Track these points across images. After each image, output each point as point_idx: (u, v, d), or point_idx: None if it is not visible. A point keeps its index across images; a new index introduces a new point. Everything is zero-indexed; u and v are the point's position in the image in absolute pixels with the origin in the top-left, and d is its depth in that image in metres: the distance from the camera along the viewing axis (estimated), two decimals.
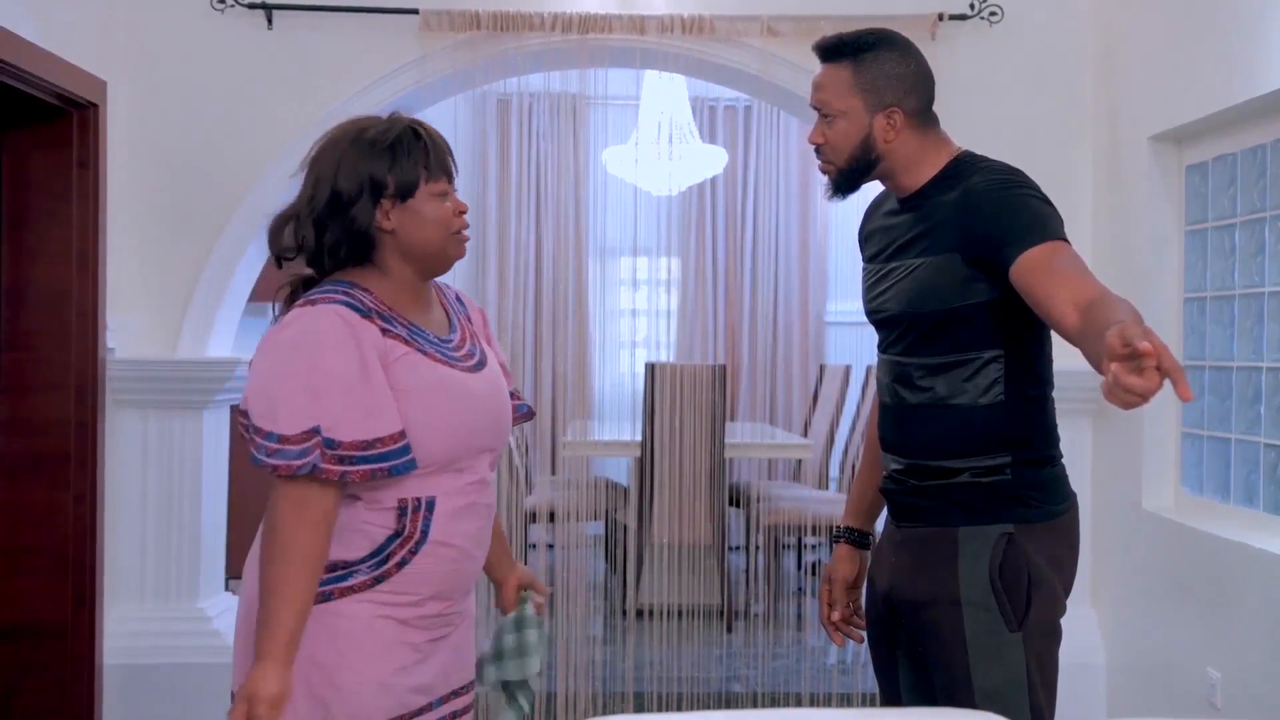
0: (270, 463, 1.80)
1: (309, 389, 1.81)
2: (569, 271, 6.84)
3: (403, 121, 1.94)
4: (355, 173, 1.88)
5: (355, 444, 1.81)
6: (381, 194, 1.89)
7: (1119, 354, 1.48)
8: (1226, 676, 3.31)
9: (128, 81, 3.98)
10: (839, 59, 2.15)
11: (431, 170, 1.93)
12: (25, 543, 3.71)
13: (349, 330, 1.84)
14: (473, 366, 2.01)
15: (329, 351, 1.82)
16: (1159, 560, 3.71)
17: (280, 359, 1.85)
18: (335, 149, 1.92)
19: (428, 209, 1.92)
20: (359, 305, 1.88)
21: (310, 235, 1.91)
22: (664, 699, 4.27)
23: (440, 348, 1.96)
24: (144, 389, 3.97)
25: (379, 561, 1.89)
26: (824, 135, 2.18)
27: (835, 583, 2.35)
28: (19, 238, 3.73)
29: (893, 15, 3.72)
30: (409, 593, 1.91)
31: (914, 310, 2.11)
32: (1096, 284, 1.84)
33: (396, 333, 1.90)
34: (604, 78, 4.40)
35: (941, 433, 2.10)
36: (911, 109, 2.14)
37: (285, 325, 1.87)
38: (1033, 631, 2.05)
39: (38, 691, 3.72)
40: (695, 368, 5.28)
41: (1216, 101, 3.39)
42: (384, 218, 1.91)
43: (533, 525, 5.16)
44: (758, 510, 5.35)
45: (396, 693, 1.89)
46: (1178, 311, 3.81)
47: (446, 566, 1.94)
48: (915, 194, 2.16)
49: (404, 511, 1.90)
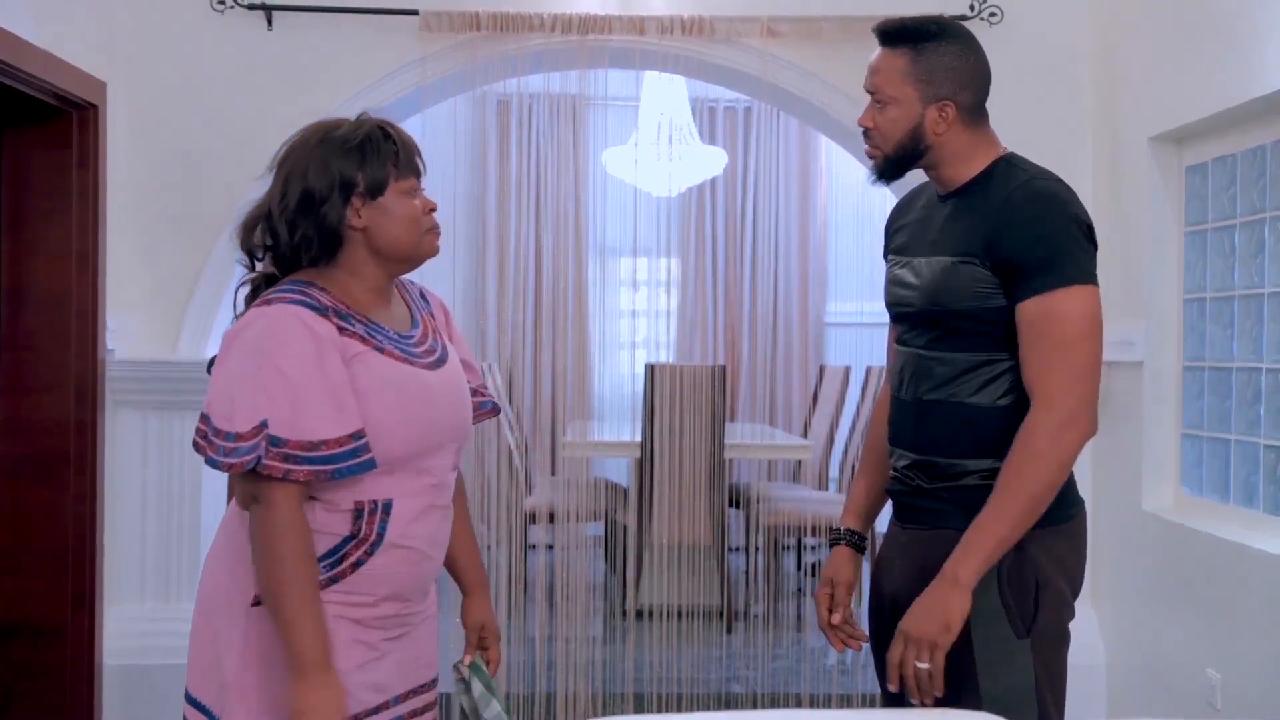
0: (228, 461, 1.80)
1: (262, 387, 1.82)
2: (569, 272, 6.83)
3: (371, 121, 1.97)
4: (326, 171, 1.90)
5: (300, 444, 1.81)
6: (352, 192, 1.91)
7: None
8: (1226, 677, 3.31)
9: (127, 82, 3.97)
10: (899, 45, 2.12)
11: (400, 168, 1.94)
12: (25, 543, 3.71)
13: (306, 330, 1.84)
14: (433, 363, 2.00)
15: (284, 351, 1.83)
16: (1159, 561, 3.71)
17: (236, 360, 1.86)
18: (304, 148, 1.94)
19: (397, 206, 1.94)
20: (315, 304, 1.88)
21: (283, 233, 1.91)
22: (664, 700, 4.27)
23: (399, 344, 1.96)
24: (144, 390, 3.96)
25: (334, 563, 1.89)
26: (874, 120, 2.15)
27: (839, 586, 2.31)
28: (18, 238, 3.73)
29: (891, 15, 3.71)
30: (365, 593, 1.91)
31: (938, 306, 2.10)
32: (1052, 391, 1.98)
33: (354, 330, 1.90)
34: (604, 78, 4.40)
35: (956, 430, 2.09)
36: (965, 104, 2.11)
37: (243, 326, 1.89)
38: (1041, 637, 2.04)
39: (37, 692, 3.71)
40: (695, 368, 5.28)
41: (1216, 102, 3.39)
42: (354, 215, 1.92)
43: (532, 526, 5.16)
44: (757, 511, 5.35)
45: (351, 689, 1.89)
46: (1177, 312, 3.81)
47: (403, 568, 1.94)
48: (955, 191, 2.15)
49: (360, 514, 1.90)
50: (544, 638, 4.45)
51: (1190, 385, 3.76)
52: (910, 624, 2.01)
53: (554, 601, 4.32)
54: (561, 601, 4.32)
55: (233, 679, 1.88)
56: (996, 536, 1.98)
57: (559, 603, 4.31)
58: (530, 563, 5.05)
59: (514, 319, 7.11)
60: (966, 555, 1.98)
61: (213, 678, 1.92)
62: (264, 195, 1.97)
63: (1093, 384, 2.02)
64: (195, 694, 1.95)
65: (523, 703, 4.21)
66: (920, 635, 1.99)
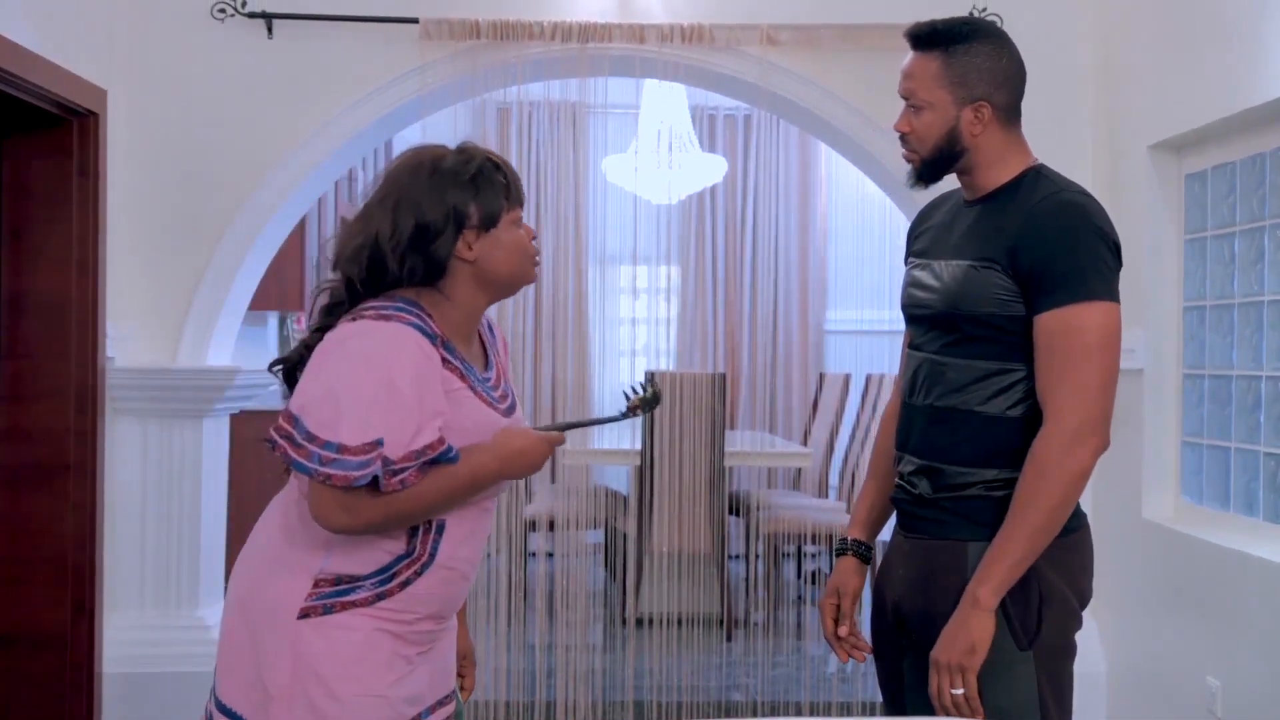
0: (325, 471, 1.78)
1: (378, 403, 1.79)
2: (569, 279, 6.82)
3: (480, 152, 1.95)
4: (441, 203, 1.88)
5: (407, 455, 1.81)
6: (465, 224, 1.90)
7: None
8: (1227, 685, 3.30)
9: (128, 90, 3.98)
10: (930, 49, 2.11)
11: (511, 200, 1.95)
12: (24, 551, 3.71)
13: (421, 353, 1.83)
14: (507, 409, 2.01)
15: (402, 369, 1.81)
16: (1159, 569, 3.70)
17: (351, 368, 1.82)
18: (414, 178, 1.91)
19: (509, 237, 1.94)
20: (428, 330, 1.87)
21: (392, 265, 1.88)
22: (664, 708, 4.26)
23: (483, 385, 1.96)
24: (143, 397, 3.96)
25: (384, 580, 1.89)
26: (910, 124, 2.14)
27: (845, 597, 2.29)
28: (19, 246, 3.73)
29: (890, 23, 3.72)
30: (407, 611, 1.91)
31: (956, 310, 2.08)
32: (1064, 405, 1.99)
33: (454, 365, 1.90)
34: (604, 86, 4.40)
35: (964, 438, 2.08)
36: (1000, 103, 2.10)
37: (357, 334, 1.84)
38: (1044, 649, 2.03)
39: (37, 701, 3.71)
40: (695, 376, 5.28)
41: (1216, 110, 3.39)
42: (465, 248, 1.90)
43: (532, 533, 5.16)
44: (757, 518, 5.35)
45: (392, 704, 1.90)
46: (1177, 320, 3.81)
47: (445, 589, 1.95)
48: (983, 197, 2.14)
49: (415, 532, 1.91)
50: (544, 645, 4.45)
51: (1190, 393, 3.76)
52: (938, 652, 2.02)
53: (554, 609, 4.32)
54: (561, 609, 4.31)
55: (280, 693, 1.86)
56: (1013, 556, 1.98)
57: (559, 610, 4.31)
58: (530, 570, 5.05)
59: (514, 326, 7.09)
60: (985, 576, 1.99)
61: (252, 688, 1.89)
62: (359, 221, 1.92)
63: (1106, 400, 2.01)
64: (228, 702, 1.92)
65: (523, 710, 4.20)
66: (948, 661, 1.99)
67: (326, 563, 1.89)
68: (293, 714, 1.86)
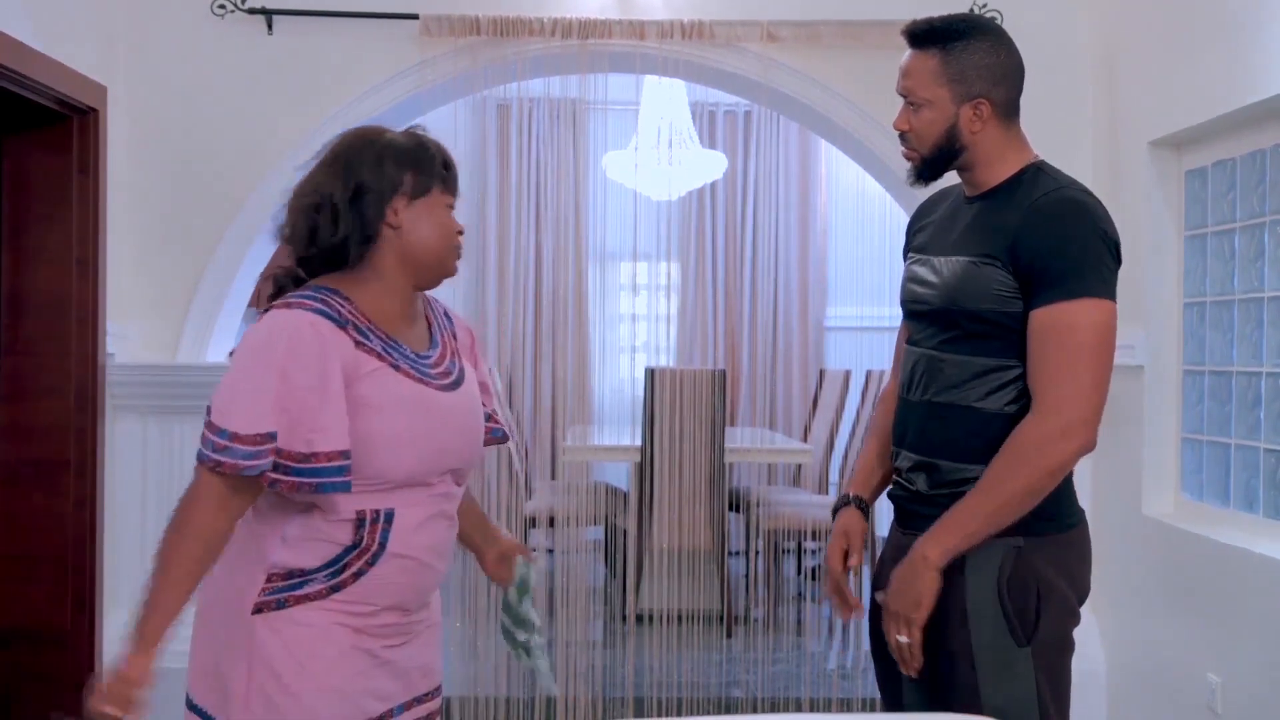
0: (215, 458, 1.80)
1: (267, 391, 1.81)
2: (569, 276, 6.85)
3: (425, 137, 2.01)
4: (379, 167, 1.93)
5: (293, 454, 1.81)
6: (397, 190, 1.93)
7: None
8: (1227, 682, 3.31)
9: (128, 87, 3.98)
10: (928, 46, 2.11)
11: (447, 186, 1.99)
12: (25, 549, 3.71)
13: (317, 340, 1.84)
14: (448, 385, 2.00)
15: (293, 358, 1.82)
16: (1159, 566, 3.71)
17: (247, 358, 1.86)
18: (362, 143, 1.97)
19: (437, 216, 1.97)
20: (335, 314, 1.88)
21: (330, 226, 1.91)
22: (664, 704, 4.27)
23: (415, 363, 1.96)
24: (144, 395, 3.96)
25: (335, 572, 1.88)
26: (909, 123, 2.14)
27: (853, 536, 2.26)
28: (19, 243, 3.73)
29: (890, 20, 3.72)
30: (365, 603, 1.90)
31: (955, 305, 2.09)
32: (1052, 400, 1.99)
33: (370, 346, 1.90)
34: (604, 83, 4.40)
35: (961, 434, 2.09)
36: (999, 100, 2.11)
37: (262, 324, 1.88)
38: (1043, 645, 2.03)
39: (37, 698, 3.71)
40: (695, 372, 5.27)
41: (1216, 107, 3.39)
42: (393, 214, 1.93)
43: (532, 530, 5.16)
44: (757, 515, 5.35)
45: (353, 699, 1.89)
46: (1177, 316, 3.81)
47: (404, 578, 1.93)
48: (983, 193, 2.14)
49: (361, 523, 1.89)
50: (544, 642, 4.45)
51: (1190, 390, 3.76)
52: (890, 599, 2.07)
53: (554, 606, 4.32)
54: (561, 606, 4.32)
55: (237, 689, 1.87)
56: (969, 528, 2.02)
57: (559, 607, 4.31)
58: None
59: (514, 323, 7.11)
60: (938, 538, 2.02)
61: (214, 684, 1.91)
62: (308, 182, 1.96)
63: (1097, 399, 2.01)
64: (197, 700, 1.94)
65: (523, 707, 4.20)
66: (896, 610, 2.05)
67: (277, 556, 1.88)
68: (250, 711, 1.86)
